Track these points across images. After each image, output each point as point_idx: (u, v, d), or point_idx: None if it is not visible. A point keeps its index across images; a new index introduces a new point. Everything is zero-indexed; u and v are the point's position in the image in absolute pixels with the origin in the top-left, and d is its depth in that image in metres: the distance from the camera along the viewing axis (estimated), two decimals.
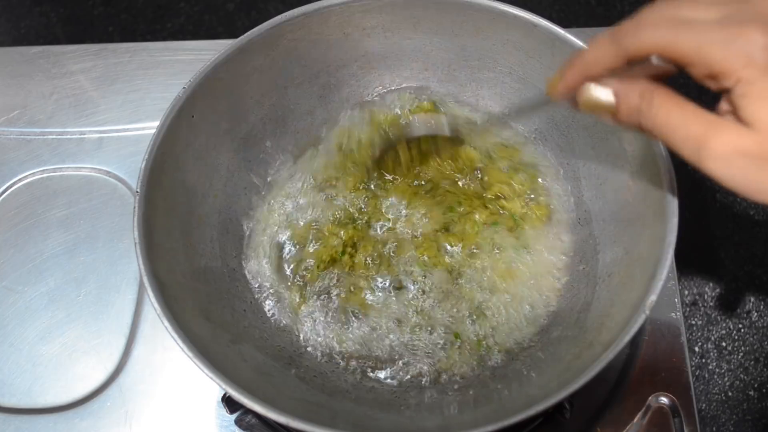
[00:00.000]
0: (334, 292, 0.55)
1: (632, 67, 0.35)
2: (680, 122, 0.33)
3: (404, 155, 0.56)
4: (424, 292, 0.54)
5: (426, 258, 0.55)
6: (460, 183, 0.58)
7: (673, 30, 0.33)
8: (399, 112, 0.61)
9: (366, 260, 0.55)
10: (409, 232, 0.57)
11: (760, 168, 0.32)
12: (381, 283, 0.55)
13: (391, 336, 0.53)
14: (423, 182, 0.58)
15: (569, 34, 0.52)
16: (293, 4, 0.54)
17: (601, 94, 0.36)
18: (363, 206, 0.58)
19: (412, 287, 0.54)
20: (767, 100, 0.31)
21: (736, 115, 0.33)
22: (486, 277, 0.54)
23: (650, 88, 0.35)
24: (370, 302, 0.54)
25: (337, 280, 0.55)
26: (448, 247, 0.56)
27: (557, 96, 0.40)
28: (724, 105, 0.34)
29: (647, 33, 0.34)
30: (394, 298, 0.54)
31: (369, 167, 0.57)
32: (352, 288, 0.55)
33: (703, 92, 0.34)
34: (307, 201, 0.59)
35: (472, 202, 0.57)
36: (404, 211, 0.57)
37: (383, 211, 0.58)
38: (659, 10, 0.35)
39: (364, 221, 0.57)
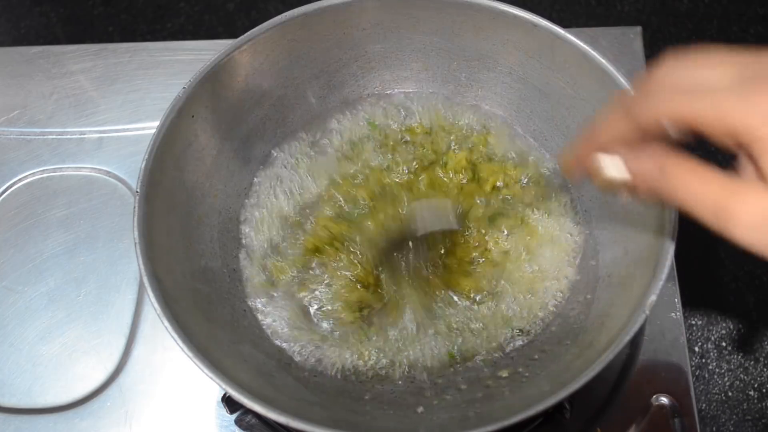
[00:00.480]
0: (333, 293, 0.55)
1: (647, 138, 0.34)
2: (700, 190, 0.32)
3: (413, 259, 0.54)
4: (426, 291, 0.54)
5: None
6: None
7: (688, 100, 0.31)
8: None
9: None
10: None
11: None
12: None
13: (392, 337, 0.53)
14: None
15: (569, 34, 0.52)
16: (293, 4, 0.54)
17: (616, 172, 0.35)
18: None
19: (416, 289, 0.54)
20: None
21: (758, 173, 0.31)
22: (485, 279, 0.54)
23: (664, 157, 0.33)
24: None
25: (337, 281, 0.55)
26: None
27: (574, 178, 0.38)
28: (745, 162, 0.32)
29: (661, 105, 0.32)
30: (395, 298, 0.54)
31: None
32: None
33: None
34: (307, 201, 0.59)
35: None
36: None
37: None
38: (669, 75, 0.33)
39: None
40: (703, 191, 0.32)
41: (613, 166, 0.35)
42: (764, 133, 0.30)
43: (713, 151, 0.31)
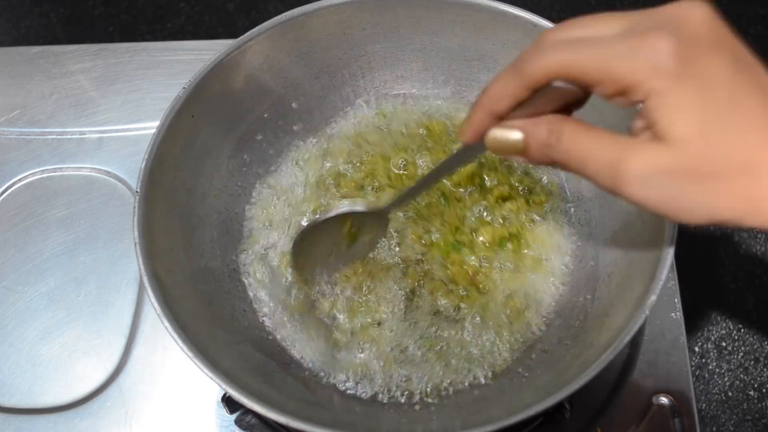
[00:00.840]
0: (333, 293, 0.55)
1: (539, 97, 0.33)
2: (592, 150, 0.31)
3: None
4: (426, 292, 0.54)
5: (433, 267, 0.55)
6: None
7: (573, 49, 0.31)
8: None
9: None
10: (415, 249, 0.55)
11: (680, 184, 0.30)
12: (390, 288, 0.55)
13: (392, 337, 0.53)
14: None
15: None
16: (293, 4, 0.54)
17: (508, 134, 0.35)
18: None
19: (418, 291, 0.54)
20: (681, 110, 0.29)
21: (651, 131, 0.30)
22: (486, 279, 0.54)
23: (557, 120, 0.33)
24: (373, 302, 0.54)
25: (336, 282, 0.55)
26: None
27: (467, 140, 0.37)
28: (639, 122, 0.32)
29: (547, 56, 0.32)
30: (396, 300, 0.54)
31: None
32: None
33: None
34: (307, 201, 0.59)
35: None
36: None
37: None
38: (558, 31, 0.33)
39: None
40: (596, 151, 0.31)
41: (505, 131, 0.35)
42: (654, 86, 0.29)
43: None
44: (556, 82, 0.33)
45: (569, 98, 0.34)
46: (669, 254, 0.44)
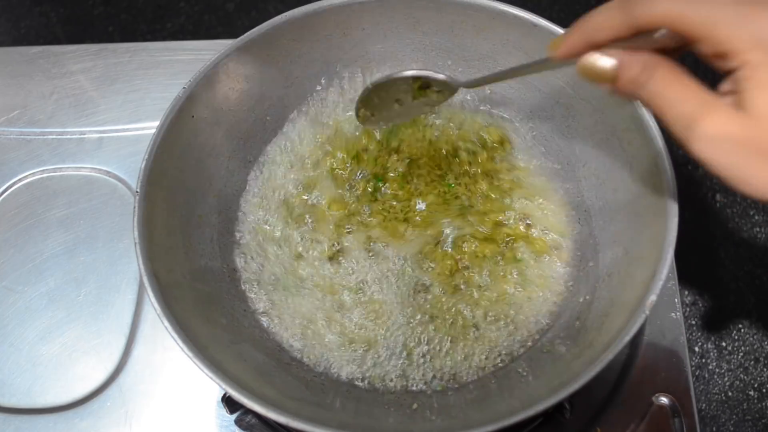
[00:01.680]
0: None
1: (638, 38, 0.34)
2: (677, 98, 0.32)
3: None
4: (427, 292, 0.54)
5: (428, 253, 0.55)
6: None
7: (686, 2, 0.32)
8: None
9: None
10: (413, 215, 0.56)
11: (747, 156, 0.31)
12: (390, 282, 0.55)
13: (392, 338, 0.53)
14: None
15: None
16: (293, 4, 0.54)
17: (603, 62, 0.35)
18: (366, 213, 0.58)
19: (417, 289, 0.54)
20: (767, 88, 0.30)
21: (735, 97, 0.32)
22: (486, 278, 0.54)
23: (654, 61, 0.34)
24: (376, 299, 0.54)
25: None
26: (449, 247, 0.55)
27: (558, 58, 0.38)
28: (726, 86, 0.33)
29: (660, 3, 0.32)
30: (398, 298, 0.54)
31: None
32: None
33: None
34: (306, 201, 0.59)
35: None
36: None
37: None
38: None
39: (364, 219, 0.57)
40: (680, 98, 0.32)
41: (601, 57, 0.35)
42: (750, 58, 0.30)
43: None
44: (660, 30, 0.33)
45: (665, 45, 0.34)
46: (669, 254, 0.44)
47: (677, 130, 0.33)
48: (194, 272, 0.52)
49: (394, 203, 0.58)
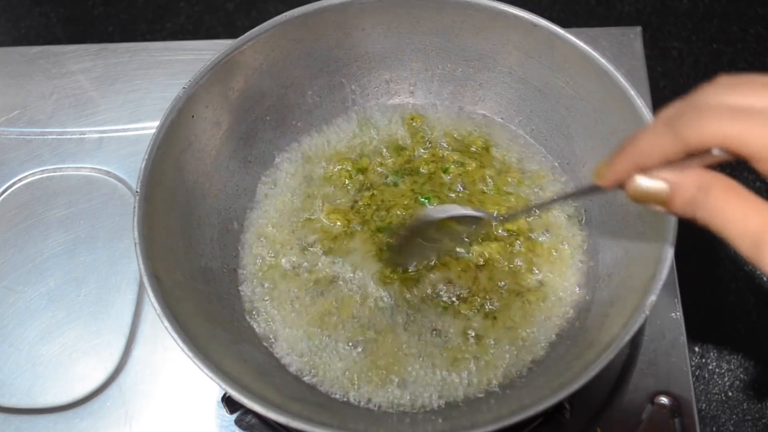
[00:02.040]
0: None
1: (690, 159, 0.32)
2: (738, 216, 0.31)
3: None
4: (429, 291, 0.54)
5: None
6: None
7: (740, 122, 0.30)
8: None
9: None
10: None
11: None
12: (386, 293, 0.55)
13: (392, 338, 0.53)
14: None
15: (569, 34, 0.52)
16: (293, 4, 0.54)
17: (654, 185, 0.33)
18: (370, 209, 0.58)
19: (418, 291, 0.54)
20: None
21: None
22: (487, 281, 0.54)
23: (708, 179, 0.32)
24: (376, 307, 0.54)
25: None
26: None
27: (606, 185, 0.36)
28: None
29: (711, 124, 0.30)
30: (396, 299, 0.54)
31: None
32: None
33: None
34: (306, 201, 0.59)
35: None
36: None
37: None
38: (719, 93, 0.32)
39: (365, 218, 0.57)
40: (744, 218, 0.31)
41: (651, 181, 0.33)
42: None
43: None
44: (714, 150, 0.31)
45: (717, 160, 0.33)
46: (669, 254, 0.44)
47: (744, 248, 0.31)
48: (194, 272, 0.52)
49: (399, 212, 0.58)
